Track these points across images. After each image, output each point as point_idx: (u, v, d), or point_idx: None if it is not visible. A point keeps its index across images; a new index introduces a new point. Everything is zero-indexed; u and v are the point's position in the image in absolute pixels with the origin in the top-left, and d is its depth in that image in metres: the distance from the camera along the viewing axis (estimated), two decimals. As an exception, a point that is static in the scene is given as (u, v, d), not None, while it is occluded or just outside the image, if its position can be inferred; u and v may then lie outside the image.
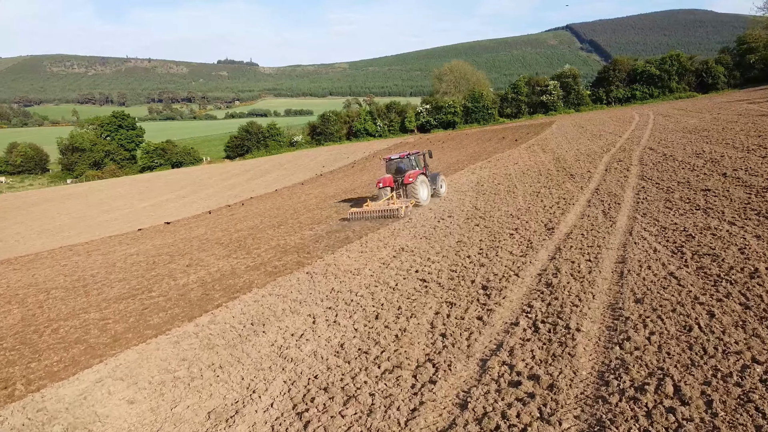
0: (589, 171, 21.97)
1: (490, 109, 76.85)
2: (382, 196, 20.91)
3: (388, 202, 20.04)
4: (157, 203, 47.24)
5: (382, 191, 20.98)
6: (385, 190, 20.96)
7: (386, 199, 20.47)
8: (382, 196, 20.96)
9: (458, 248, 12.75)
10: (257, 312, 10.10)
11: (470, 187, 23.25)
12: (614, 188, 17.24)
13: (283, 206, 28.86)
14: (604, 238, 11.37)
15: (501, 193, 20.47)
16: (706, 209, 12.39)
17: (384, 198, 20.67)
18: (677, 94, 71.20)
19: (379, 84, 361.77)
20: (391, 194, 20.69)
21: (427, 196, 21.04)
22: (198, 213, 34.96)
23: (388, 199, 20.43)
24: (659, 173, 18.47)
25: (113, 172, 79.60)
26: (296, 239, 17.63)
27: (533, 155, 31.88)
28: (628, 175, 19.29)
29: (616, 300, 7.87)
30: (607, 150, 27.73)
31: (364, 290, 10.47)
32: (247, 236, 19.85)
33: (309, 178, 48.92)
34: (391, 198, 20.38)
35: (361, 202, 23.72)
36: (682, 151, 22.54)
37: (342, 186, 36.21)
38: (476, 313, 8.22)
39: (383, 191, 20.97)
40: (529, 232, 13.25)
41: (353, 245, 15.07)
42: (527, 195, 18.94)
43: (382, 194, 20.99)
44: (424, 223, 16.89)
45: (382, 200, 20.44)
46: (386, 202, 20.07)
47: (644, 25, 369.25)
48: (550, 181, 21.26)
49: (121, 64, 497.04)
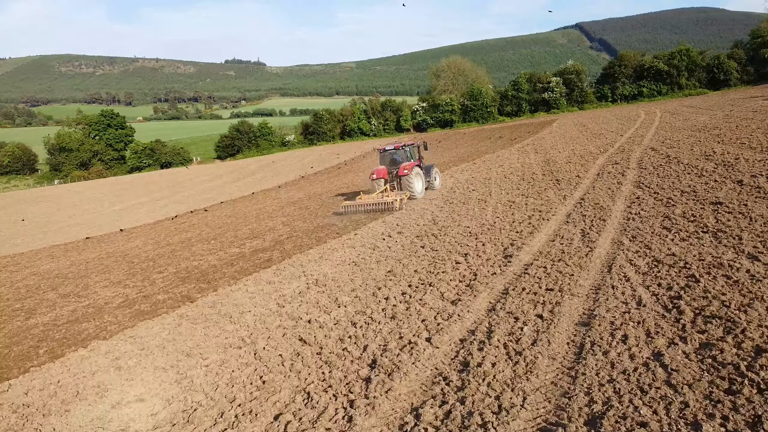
0: (578, 176, 18.65)
1: (490, 107, 73.06)
2: (376, 188, 19.95)
3: (382, 195, 19.20)
4: (129, 207, 44.40)
5: (376, 183, 20.08)
6: (378, 182, 20.04)
7: (380, 191, 19.51)
8: (375, 188, 20.00)
9: (382, 283, 9.56)
10: (43, 396, 6.96)
11: (441, 194, 20.01)
12: (603, 198, 13.94)
13: (240, 213, 25.77)
14: (573, 276, 8.12)
15: (471, 201, 17.21)
16: (716, 232, 9.10)
17: (378, 191, 19.67)
18: (687, 90, 66.94)
19: (386, 83, 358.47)
20: (385, 186, 19.73)
21: (422, 188, 20.22)
22: (161, 218, 32.07)
23: (382, 191, 19.48)
24: (659, 179, 15.14)
25: (100, 173, 76.87)
26: (214, 259, 14.49)
27: (523, 156, 28.55)
28: (622, 181, 15.98)
29: (557, 414, 4.60)
30: (604, 150, 24.38)
31: (220, 355, 7.30)
32: (169, 253, 16.77)
33: (291, 180, 45.89)
34: (385, 190, 19.49)
35: (329, 204, 20.64)
36: (689, 152, 19.15)
37: (318, 189, 33.09)
38: (332, 423, 5.02)
39: (377, 183, 20.04)
40: (480, 260, 10.03)
41: (266, 272, 11.89)
42: (499, 205, 15.68)
43: (375, 186, 20.06)
44: (368, 241, 13.70)
45: (376, 193, 19.47)
46: (380, 195, 19.23)
47: (655, 24, 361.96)
48: (531, 187, 17.97)
49: (128, 63, 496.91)
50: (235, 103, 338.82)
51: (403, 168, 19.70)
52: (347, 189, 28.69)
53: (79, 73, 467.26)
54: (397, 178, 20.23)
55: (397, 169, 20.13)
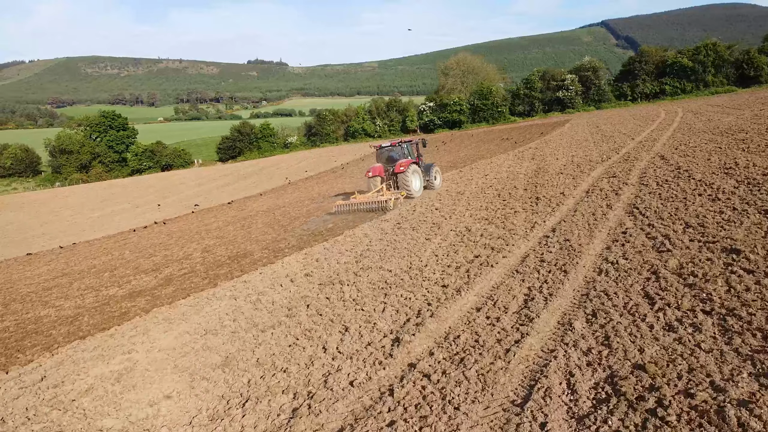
0: (563, 193, 14.96)
1: (500, 107, 68.75)
2: (372, 186, 19.29)
3: (377, 194, 18.51)
4: (106, 215, 42.10)
5: (372, 181, 19.38)
6: (374, 180, 19.32)
7: (375, 191, 18.83)
8: (371, 186, 19.31)
9: (199, 387, 6.18)
10: None
11: (401, 213, 16.50)
12: (578, 232, 10.30)
13: (183, 231, 22.71)
14: (463, 407, 4.61)
15: (424, 226, 13.71)
16: (724, 316, 5.49)
17: (373, 190, 18.97)
18: (713, 88, 61.41)
19: (407, 83, 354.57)
20: (381, 185, 19.08)
21: (420, 187, 19.29)
22: (125, 230, 29.43)
23: (378, 190, 18.79)
24: (660, 203, 11.41)
25: (99, 175, 75.20)
26: (68, 307, 11.29)
27: (516, 163, 24.84)
28: (612, 203, 12.29)
29: None
30: (608, 158, 20.58)
31: None
32: (42, 290, 13.71)
33: (278, 186, 42.88)
34: (381, 189, 18.84)
35: (295, 217, 17.42)
36: (705, 163, 15.27)
37: (297, 197, 29.87)
38: None
39: (373, 181, 19.35)
40: (353, 349, 6.59)
41: (84, 343, 8.61)
42: (450, 234, 12.16)
43: (371, 185, 19.39)
44: (263, 285, 10.34)
45: (371, 192, 18.82)
46: (375, 194, 18.54)
47: (683, 21, 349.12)
48: (502, 208, 14.36)
49: (153, 64, 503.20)
50: (256, 104, 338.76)
51: (399, 165, 18.91)
52: (328, 196, 25.80)
53: (104, 74, 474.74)
54: (393, 176, 19.46)
55: (394, 166, 19.32)
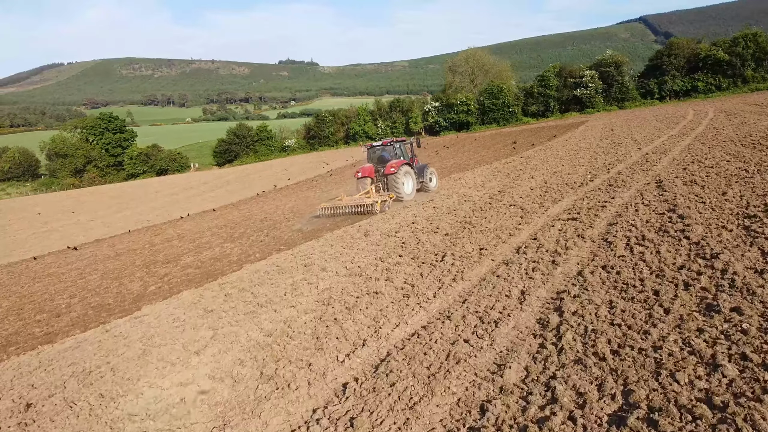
0: (499, 237, 10.03)
1: (512, 107, 62.92)
2: (361, 188, 18.64)
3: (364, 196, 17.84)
4: (68, 224, 38.51)
5: (361, 182, 18.68)
6: (364, 180, 18.57)
7: (363, 193, 18.06)
8: (360, 188, 18.69)
9: None
10: None
11: (304, 261, 11.78)
12: (476, 336, 5.43)
13: (82, 264, 18.53)
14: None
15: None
16: None
17: (362, 191, 18.23)
18: (753, 84, 54.04)
19: (437, 81, 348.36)
20: (370, 187, 18.21)
21: (412, 189, 18.35)
22: (78, 243, 25.27)
23: (366, 192, 17.99)
24: (614, 298, 6.42)
25: (93, 180, 72.69)
26: None
27: (487, 180, 19.98)
28: (547, 277, 7.37)
29: None
30: (590, 180, 15.41)
31: None
32: None
33: (249, 197, 38.67)
34: (369, 191, 18.00)
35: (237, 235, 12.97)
36: (717, 200, 10.07)
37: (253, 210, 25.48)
38: None
39: (362, 182, 18.62)
40: None
41: None
42: (307, 326, 7.41)
43: (360, 186, 18.73)
44: None
45: (359, 194, 18.10)
46: (362, 196, 17.84)
47: (725, 15, 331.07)
48: (411, 259, 9.53)
49: (186, 65, 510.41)
50: (285, 104, 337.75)
51: (390, 166, 17.98)
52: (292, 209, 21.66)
53: (138, 76, 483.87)
54: (383, 177, 18.47)
55: (384, 167, 18.37)
